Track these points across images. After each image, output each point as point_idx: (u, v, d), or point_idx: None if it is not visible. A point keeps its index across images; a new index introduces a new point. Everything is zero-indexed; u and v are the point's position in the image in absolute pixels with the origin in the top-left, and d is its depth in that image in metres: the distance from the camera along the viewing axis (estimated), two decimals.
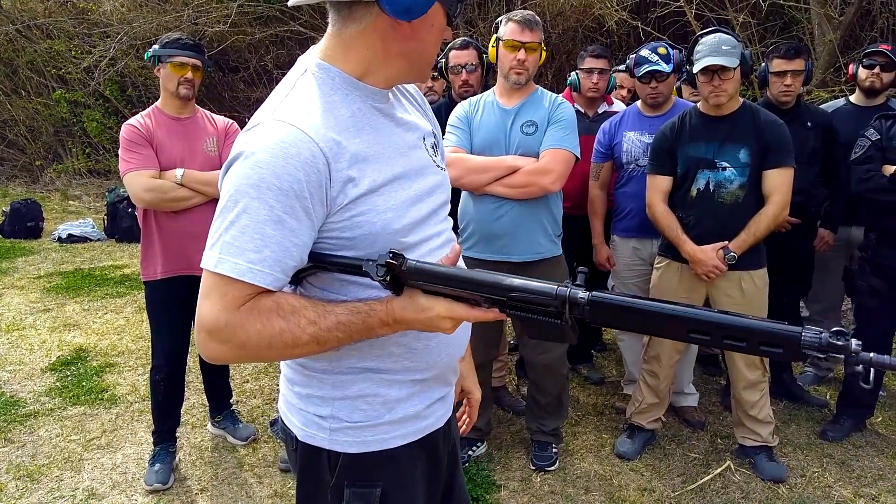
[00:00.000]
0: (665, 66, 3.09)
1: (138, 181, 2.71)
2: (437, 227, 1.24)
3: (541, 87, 2.85)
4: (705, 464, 3.04)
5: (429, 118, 1.33)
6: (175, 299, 2.84)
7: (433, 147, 1.28)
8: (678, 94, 3.69)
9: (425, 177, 1.22)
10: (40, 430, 3.33)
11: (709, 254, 2.76)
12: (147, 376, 3.38)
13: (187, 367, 3.07)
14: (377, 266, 1.05)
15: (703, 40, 2.77)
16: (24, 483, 2.89)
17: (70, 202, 9.54)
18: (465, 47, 3.35)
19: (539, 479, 2.92)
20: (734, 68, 2.68)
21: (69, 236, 7.37)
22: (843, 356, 0.87)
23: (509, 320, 1.07)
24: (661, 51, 3.13)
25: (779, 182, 2.73)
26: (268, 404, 3.61)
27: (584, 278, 1.02)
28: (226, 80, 8.95)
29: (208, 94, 8.73)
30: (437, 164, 1.28)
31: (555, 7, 6.64)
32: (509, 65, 2.72)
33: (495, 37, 2.78)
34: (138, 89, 9.46)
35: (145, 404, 3.53)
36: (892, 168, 2.85)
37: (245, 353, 1.06)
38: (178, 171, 2.76)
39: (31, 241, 7.45)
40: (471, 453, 3.03)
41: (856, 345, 0.86)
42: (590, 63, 3.53)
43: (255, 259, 1.01)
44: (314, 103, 1.09)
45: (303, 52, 1.20)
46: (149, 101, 6.24)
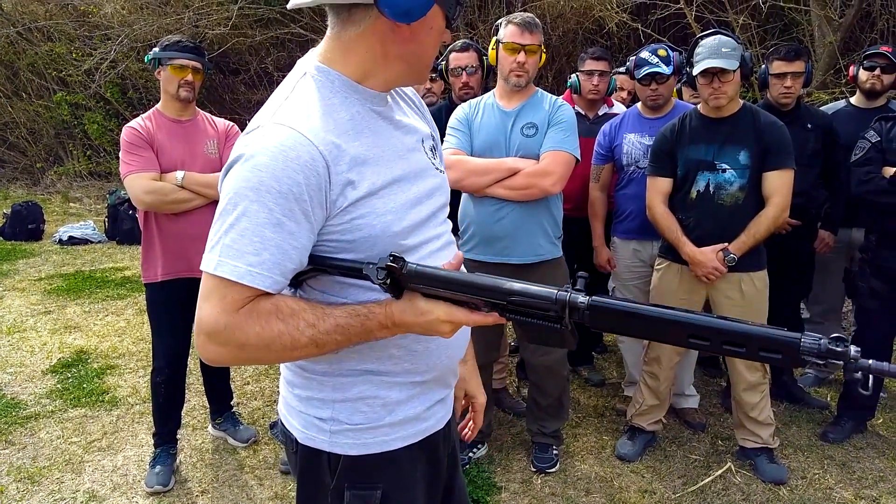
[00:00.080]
0: (665, 68, 3.10)
1: (139, 183, 2.72)
2: (436, 230, 1.25)
3: (541, 90, 2.86)
4: (706, 465, 3.04)
5: (427, 121, 1.33)
6: (176, 301, 2.84)
7: (432, 150, 1.29)
8: (678, 96, 3.69)
9: (424, 179, 1.22)
10: (41, 433, 3.33)
11: (708, 255, 2.76)
12: (148, 378, 3.38)
13: (188, 369, 3.08)
14: (377, 269, 1.05)
15: (702, 42, 2.77)
16: (25, 485, 2.89)
17: (71, 204, 9.55)
18: (465, 49, 3.36)
19: (540, 481, 2.92)
20: (734, 70, 2.68)
21: (70, 238, 7.37)
22: (842, 362, 0.87)
23: (510, 322, 1.08)
24: (662, 53, 3.13)
25: (779, 184, 2.73)
26: (268, 406, 3.61)
27: (583, 283, 1.02)
28: (226, 83, 8.97)
29: (209, 96, 8.74)
30: (436, 167, 1.28)
31: (555, 9, 6.65)
32: (509, 67, 2.72)
33: (495, 39, 2.78)
34: (139, 92, 9.47)
35: (146, 406, 3.53)
36: (892, 170, 2.85)
37: (244, 356, 1.07)
38: (179, 174, 2.76)
39: (32, 244, 7.45)
40: (471, 455, 3.03)
41: (854, 351, 0.86)
42: (590, 65, 3.54)
43: (254, 262, 1.02)
44: (313, 106, 1.09)
45: (303, 54, 1.20)
46: (149, 104, 6.25)
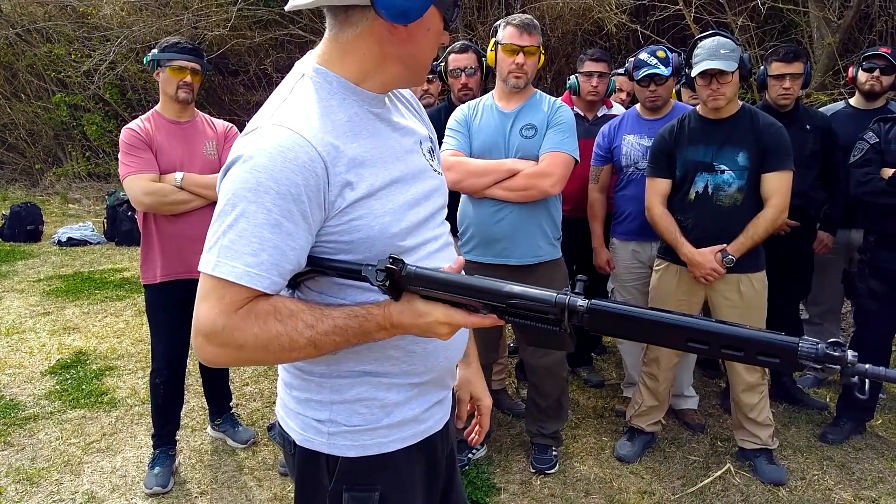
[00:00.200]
0: (664, 70, 3.10)
1: (138, 185, 2.72)
2: (434, 231, 1.25)
3: (539, 91, 2.86)
4: (705, 467, 3.04)
5: (425, 123, 1.33)
6: (175, 302, 2.84)
7: (430, 152, 1.29)
8: (677, 97, 3.70)
9: (422, 181, 1.22)
10: (40, 434, 3.33)
11: (707, 256, 2.76)
12: (147, 379, 3.38)
13: (187, 370, 3.07)
14: (377, 271, 1.05)
15: (701, 44, 2.77)
16: (24, 486, 2.89)
17: (70, 206, 9.54)
18: (464, 51, 3.36)
19: (539, 482, 2.92)
20: (732, 72, 2.68)
21: (69, 240, 7.37)
22: (839, 367, 0.88)
23: (509, 324, 1.08)
24: (660, 54, 3.13)
25: (777, 185, 2.73)
26: (268, 407, 3.61)
27: (582, 286, 1.02)
28: (225, 84, 8.96)
29: (208, 97, 8.74)
30: (435, 169, 1.28)
31: (554, 11, 6.66)
32: (508, 68, 2.73)
33: (494, 40, 2.79)
34: (138, 93, 9.47)
35: (145, 408, 3.52)
36: (891, 171, 2.85)
37: (242, 357, 1.07)
38: (178, 175, 2.76)
39: (31, 245, 7.44)
40: (471, 456, 3.03)
41: (852, 356, 0.87)
42: (589, 66, 3.54)
43: (252, 262, 1.01)
44: (312, 108, 1.09)
45: (302, 55, 1.20)
46: (149, 105, 6.25)
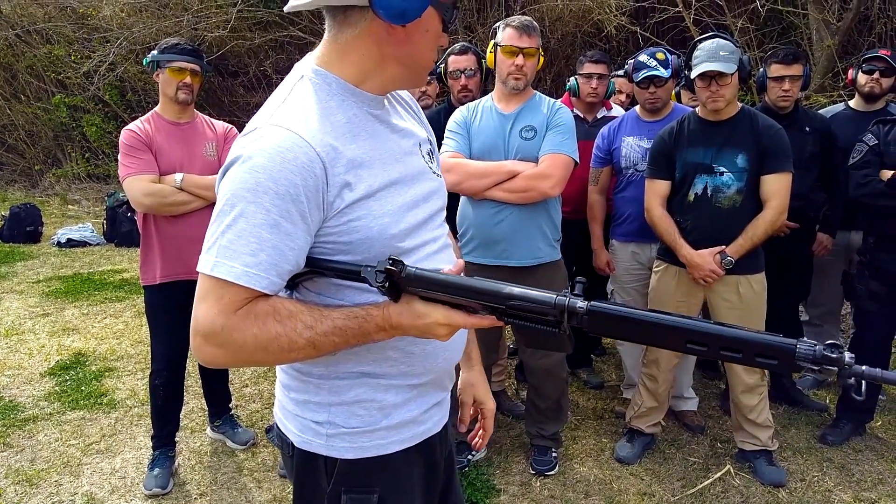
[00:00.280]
0: (663, 72, 3.10)
1: (138, 186, 2.72)
2: (433, 233, 1.25)
3: (539, 93, 2.86)
4: (705, 468, 3.04)
5: (424, 125, 1.34)
6: (174, 303, 2.83)
7: (429, 154, 1.29)
8: (677, 99, 3.70)
9: (421, 182, 1.22)
10: (39, 435, 3.33)
11: (706, 258, 2.76)
12: (146, 381, 3.38)
13: (187, 371, 3.07)
14: (376, 272, 1.05)
15: (701, 46, 2.78)
16: (24, 488, 2.89)
17: (69, 207, 9.54)
18: (463, 52, 3.36)
19: (539, 484, 2.92)
20: (732, 74, 2.68)
21: (68, 241, 7.37)
22: (836, 368, 0.88)
23: (508, 325, 1.08)
24: (660, 56, 3.14)
25: (777, 187, 2.73)
26: (267, 409, 3.61)
27: (582, 288, 1.02)
28: (225, 85, 8.97)
29: (208, 98, 8.74)
30: (433, 171, 1.28)
31: (554, 12, 6.66)
32: (507, 70, 2.73)
33: (493, 42, 2.79)
34: (138, 94, 9.48)
35: (144, 409, 3.52)
36: (890, 173, 2.85)
37: (241, 358, 1.07)
38: (178, 176, 2.77)
39: (31, 246, 7.44)
40: (470, 458, 3.02)
41: (849, 357, 0.88)
42: (588, 68, 3.55)
43: (251, 262, 1.01)
44: (311, 109, 1.09)
45: (302, 56, 1.20)
46: (148, 106, 6.25)
